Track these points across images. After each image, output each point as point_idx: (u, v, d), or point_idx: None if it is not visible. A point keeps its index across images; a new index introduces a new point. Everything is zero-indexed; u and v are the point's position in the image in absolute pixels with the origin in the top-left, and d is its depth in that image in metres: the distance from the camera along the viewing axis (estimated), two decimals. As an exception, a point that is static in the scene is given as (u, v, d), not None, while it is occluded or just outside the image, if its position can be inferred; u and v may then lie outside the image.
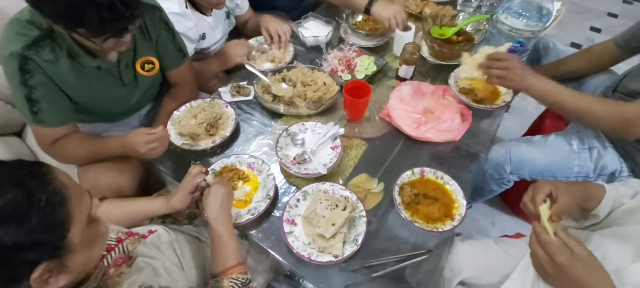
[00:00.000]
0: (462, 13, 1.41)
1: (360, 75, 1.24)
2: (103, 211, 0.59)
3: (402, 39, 1.26)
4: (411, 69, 1.20)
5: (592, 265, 0.52)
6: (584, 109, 0.87)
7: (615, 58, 1.08)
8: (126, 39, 0.79)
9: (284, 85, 1.17)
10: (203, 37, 1.34)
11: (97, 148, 0.95)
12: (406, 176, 0.94)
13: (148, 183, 1.10)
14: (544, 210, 0.60)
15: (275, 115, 1.15)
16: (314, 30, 1.41)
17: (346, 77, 1.24)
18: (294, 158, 0.98)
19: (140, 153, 0.89)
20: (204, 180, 0.86)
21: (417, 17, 1.52)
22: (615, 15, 2.66)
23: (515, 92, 1.13)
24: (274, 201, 0.92)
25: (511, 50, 1.18)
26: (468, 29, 1.33)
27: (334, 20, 1.42)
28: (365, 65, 1.27)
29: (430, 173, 0.95)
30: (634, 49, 1.03)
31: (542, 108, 1.54)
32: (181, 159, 1.02)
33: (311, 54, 1.37)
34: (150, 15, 0.98)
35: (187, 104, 1.12)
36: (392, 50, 1.37)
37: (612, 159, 1.01)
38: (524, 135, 1.57)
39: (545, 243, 0.55)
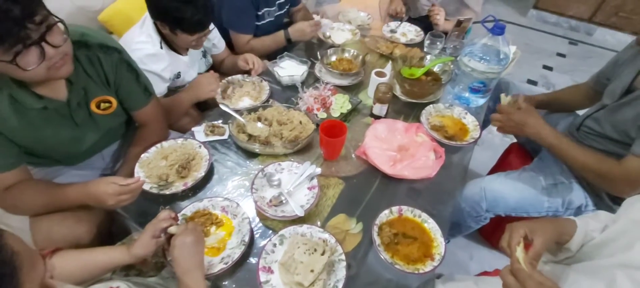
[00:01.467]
0: (429, 55, 1.50)
1: (335, 113, 1.26)
2: (56, 266, 0.52)
3: (376, 81, 1.30)
4: (385, 107, 1.23)
5: None
6: (577, 161, 0.98)
7: (591, 99, 1.20)
8: (52, 54, 0.73)
9: (259, 124, 1.16)
10: (178, 75, 1.33)
11: (55, 198, 0.87)
12: (384, 215, 0.93)
13: (110, 232, 1.02)
14: (519, 253, 0.62)
15: (250, 154, 1.13)
16: (289, 69, 1.43)
17: (322, 115, 1.25)
18: (270, 201, 0.95)
19: (108, 205, 0.83)
20: (173, 225, 0.81)
21: (388, 58, 1.60)
22: (563, 55, 2.94)
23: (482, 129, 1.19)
24: (250, 246, 0.88)
25: (475, 91, 1.25)
26: (435, 69, 1.41)
27: (308, 60, 1.45)
28: (341, 104, 1.29)
29: (408, 212, 0.94)
30: (599, 92, 1.14)
31: (508, 141, 1.62)
32: (149, 204, 0.95)
33: (287, 93, 1.38)
34: (109, 57, 0.94)
35: (158, 145, 1.07)
36: (367, 89, 1.41)
37: (577, 195, 1.07)
38: (493, 167, 1.63)
39: (517, 271, 0.59)
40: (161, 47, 1.22)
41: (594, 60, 2.87)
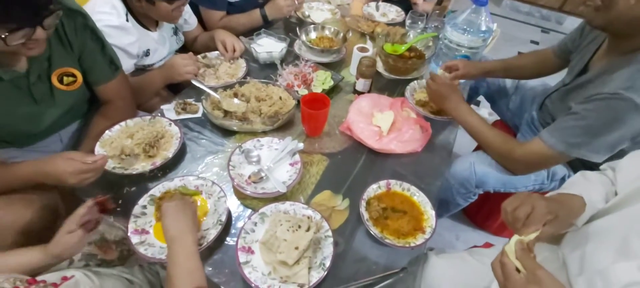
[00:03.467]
0: (411, 32, 1.46)
1: (317, 90, 1.19)
2: None
3: (359, 56, 1.24)
4: (368, 82, 1.18)
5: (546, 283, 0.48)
6: (484, 138, 0.99)
7: (554, 67, 1.16)
8: (40, 36, 0.66)
9: (236, 100, 1.08)
10: (147, 53, 1.21)
11: (1, 179, 0.76)
12: (372, 190, 0.88)
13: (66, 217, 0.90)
14: (511, 247, 0.53)
15: (227, 133, 1.04)
16: (267, 46, 1.35)
17: (303, 91, 1.18)
18: (249, 177, 0.88)
19: (68, 184, 0.73)
20: (103, 216, 0.72)
21: (369, 37, 1.55)
22: (536, 42, 3.02)
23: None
24: (227, 228, 0.80)
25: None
26: (418, 46, 1.37)
27: (287, 36, 1.38)
28: (322, 80, 1.23)
29: (397, 186, 0.90)
30: (565, 60, 1.12)
31: (492, 120, 1.62)
32: (112, 186, 0.86)
33: (265, 71, 1.30)
34: (72, 21, 0.84)
35: (122, 123, 0.97)
36: (349, 67, 1.35)
37: (560, 167, 1.06)
38: (478, 146, 1.62)
39: (504, 265, 0.52)
40: (127, 20, 1.10)
41: (565, 47, 2.97)
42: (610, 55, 0.87)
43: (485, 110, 2.08)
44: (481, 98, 1.52)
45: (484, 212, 1.49)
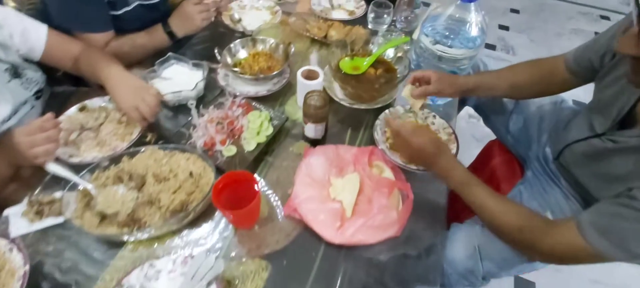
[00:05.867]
0: (376, 36, 1.10)
1: (250, 146, 0.83)
2: None
3: (305, 87, 0.88)
4: (321, 126, 0.83)
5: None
6: (495, 222, 0.65)
7: (564, 84, 0.83)
8: None
9: (121, 188, 0.71)
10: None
11: None
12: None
13: None
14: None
15: (113, 243, 0.68)
16: (177, 79, 0.96)
17: (229, 150, 0.82)
18: None
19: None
20: None
21: (322, 43, 1.18)
22: (517, 11, 2.70)
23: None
24: None
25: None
26: (388, 57, 1.02)
27: (205, 60, 0.99)
28: (257, 127, 0.86)
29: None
30: (585, 77, 0.79)
31: (487, 137, 1.32)
32: None
33: (178, 117, 0.92)
34: None
35: None
36: (296, 96, 0.99)
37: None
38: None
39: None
40: None
41: (547, 14, 2.66)
42: None
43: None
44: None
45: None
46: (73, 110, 0.87)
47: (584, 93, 0.85)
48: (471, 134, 1.79)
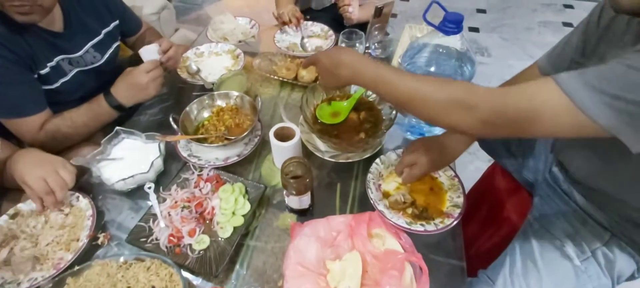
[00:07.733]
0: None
1: (225, 232, 0.70)
2: None
3: (280, 151, 0.76)
4: (306, 197, 0.71)
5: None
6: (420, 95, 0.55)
7: None
8: None
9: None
10: None
11: None
12: None
13: None
14: None
15: None
16: (129, 158, 0.81)
17: (201, 243, 0.68)
18: None
19: None
20: None
21: (294, 85, 1.06)
22: (484, 11, 2.70)
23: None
24: None
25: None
26: (370, 96, 0.91)
27: (162, 129, 0.84)
28: (231, 206, 0.73)
29: None
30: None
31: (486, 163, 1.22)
32: None
33: (130, 211, 0.77)
34: None
35: None
36: (271, 155, 0.86)
37: (621, 257, 0.68)
38: (469, 192, 1.22)
39: None
40: None
41: (513, 10, 2.67)
42: None
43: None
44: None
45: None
46: (3, 219, 0.71)
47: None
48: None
